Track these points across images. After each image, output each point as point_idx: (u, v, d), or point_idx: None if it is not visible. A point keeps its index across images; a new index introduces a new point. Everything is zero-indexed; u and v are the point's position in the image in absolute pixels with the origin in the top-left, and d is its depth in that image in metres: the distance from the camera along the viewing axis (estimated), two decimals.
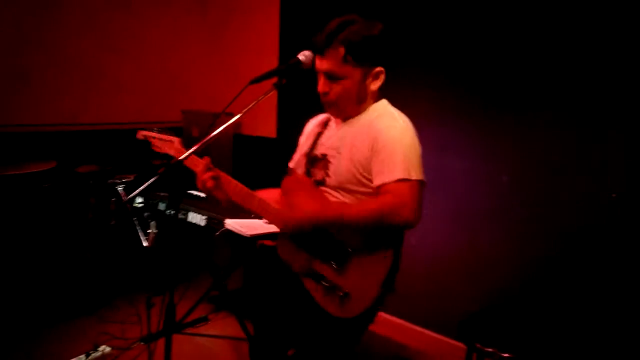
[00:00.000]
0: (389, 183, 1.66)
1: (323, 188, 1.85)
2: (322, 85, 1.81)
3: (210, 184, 1.81)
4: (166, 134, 2.06)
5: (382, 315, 3.19)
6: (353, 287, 1.70)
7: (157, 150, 2.07)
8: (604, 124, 2.51)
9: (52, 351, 2.97)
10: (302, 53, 1.82)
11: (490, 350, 2.27)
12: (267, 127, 4.15)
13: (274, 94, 1.81)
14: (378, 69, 1.79)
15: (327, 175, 1.85)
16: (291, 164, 2.09)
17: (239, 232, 2.75)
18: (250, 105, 1.74)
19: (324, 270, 1.75)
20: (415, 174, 1.68)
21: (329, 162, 1.85)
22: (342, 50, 1.73)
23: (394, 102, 1.93)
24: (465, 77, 2.96)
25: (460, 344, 2.92)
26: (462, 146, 2.99)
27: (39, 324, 3.23)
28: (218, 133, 1.74)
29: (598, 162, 2.55)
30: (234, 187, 1.87)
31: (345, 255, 1.72)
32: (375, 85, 1.82)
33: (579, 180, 2.61)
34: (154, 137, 2.09)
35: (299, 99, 2.18)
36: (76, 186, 3.56)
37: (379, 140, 1.72)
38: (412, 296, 3.20)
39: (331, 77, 1.77)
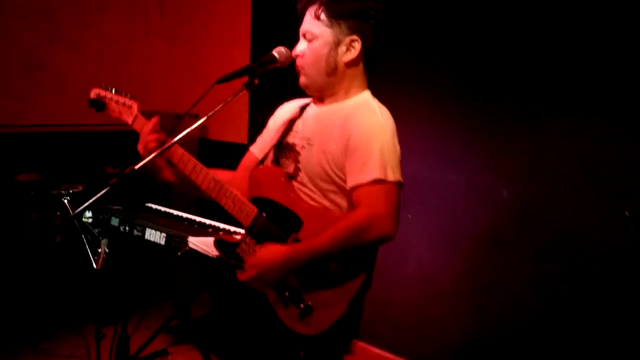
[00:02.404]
0: (363, 185, 1.61)
1: (295, 183, 1.79)
2: (297, 47, 1.78)
3: (153, 144, 1.77)
4: (125, 95, 1.96)
5: (370, 348, 3.22)
6: (317, 301, 1.65)
7: (113, 114, 1.96)
8: (616, 132, 2.47)
9: None
10: (277, 49, 1.76)
11: None
12: (238, 132, 4.10)
13: (245, 95, 1.74)
14: (353, 36, 1.71)
15: (298, 168, 1.79)
16: (253, 148, 2.03)
17: (204, 253, 2.66)
18: (217, 108, 1.67)
19: (288, 279, 1.70)
20: (392, 175, 1.62)
21: (299, 153, 1.80)
22: (317, 6, 1.72)
23: (386, 104, 1.85)
24: (461, 77, 2.95)
25: None
26: (458, 157, 2.95)
27: None
28: (182, 137, 1.68)
29: (609, 176, 2.49)
30: (181, 155, 1.82)
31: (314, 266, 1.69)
32: (347, 57, 1.73)
33: (587, 196, 2.54)
34: (110, 98, 1.96)
35: (274, 102, 2.11)
36: (15, 197, 3.40)
37: (353, 136, 1.66)
38: (402, 328, 3.16)
39: (304, 36, 1.76)
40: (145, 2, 4.36)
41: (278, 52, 1.74)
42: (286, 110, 1.98)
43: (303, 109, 1.91)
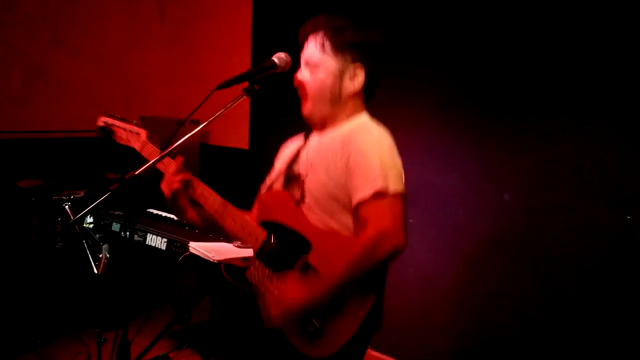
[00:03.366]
0: (366, 201, 1.59)
1: (303, 208, 1.79)
2: (299, 74, 1.79)
3: (177, 185, 1.78)
4: (132, 123, 1.97)
5: (370, 352, 3.10)
6: (327, 323, 1.62)
7: (120, 141, 1.98)
8: (619, 134, 2.47)
9: None
10: (276, 55, 1.77)
11: None
12: (239, 137, 4.13)
13: (246, 101, 1.75)
14: (357, 65, 1.73)
15: (304, 194, 1.80)
16: (263, 187, 2.03)
17: (206, 257, 2.67)
18: (218, 113, 1.69)
19: None
20: (393, 186, 1.60)
21: (303, 180, 1.82)
22: (321, 36, 1.73)
23: (383, 111, 1.88)
24: (460, 81, 2.95)
25: None
26: (459, 162, 2.95)
27: None
28: (183, 142, 1.70)
29: (611, 179, 2.49)
30: (207, 193, 1.82)
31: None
32: (352, 86, 1.75)
33: (588, 200, 2.54)
34: (117, 126, 1.98)
35: (275, 107, 2.34)
36: (16, 203, 3.41)
37: (352, 155, 1.67)
38: (404, 332, 3.14)
39: (308, 65, 1.76)
40: (145, 9, 4.40)
41: (278, 57, 1.75)
42: (290, 145, 2.00)
43: (306, 138, 1.93)
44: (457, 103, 2.96)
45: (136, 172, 1.62)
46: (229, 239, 2.70)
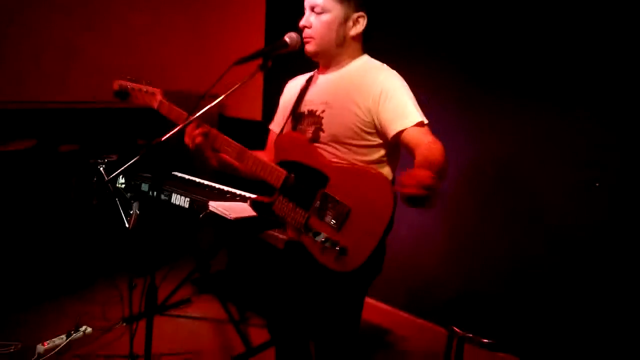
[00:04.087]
0: (410, 128, 1.71)
1: (317, 144, 1.85)
2: (304, 18, 1.84)
3: (199, 139, 1.82)
4: (146, 83, 2.00)
5: (366, 299, 3.28)
6: (350, 243, 1.70)
7: (137, 101, 2.02)
8: (595, 111, 2.52)
9: (33, 330, 3.00)
10: (288, 35, 1.83)
11: (470, 335, 2.30)
12: (253, 110, 4.15)
13: (259, 76, 1.81)
14: (360, 13, 1.82)
15: (321, 130, 1.84)
16: (272, 126, 2.11)
17: (223, 215, 2.76)
18: (234, 88, 1.74)
19: (322, 227, 1.75)
20: (424, 119, 1.75)
21: (320, 117, 1.85)
22: None
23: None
24: (445, 52, 2.97)
25: (443, 329, 2.88)
26: (446, 134, 2.94)
27: (20, 303, 3.26)
28: (203, 112, 1.74)
29: (581, 150, 2.58)
30: (225, 143, 1.87)
31: (344, 213, 1.72)
32: (354, 31, 1.83)
33: (565, 171, 2.63)
34: (132, 88, 2.02)
35: (285, 81, 2.12)
36: (58, 166, 3.53)
37: (384, 90, 1.75)
38: (396, 281, 3.23)
39: (314, 9, 1.81)
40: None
41: (289, 37, 1.81)
42: (293, 85, 2.07)
43: (309, 81, 1.99)
44: (446, 71, 2.98)
45: (162, 139, 1.68)
46: (248, 185, 2.76)
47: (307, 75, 2.04)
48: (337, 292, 1.83)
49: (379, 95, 1.75)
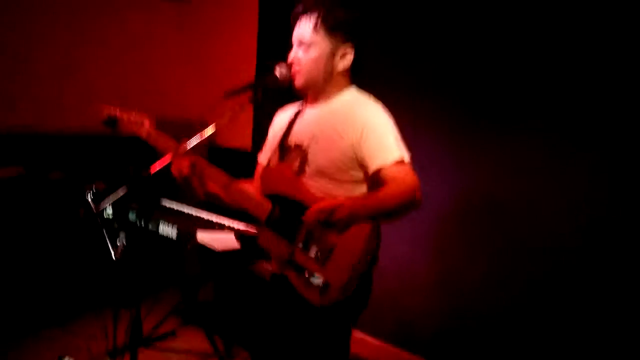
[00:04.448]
0: (388, 166, 1.72)
1: (301, 178, 1.86)
2: (292, 54, 1.85)
3: (186, 171, 1.81)
4: (134, 112, 1.98)
5: (354, 333, 3.27)
6: (334, 277, 1.71)
7: (126, 130, 1.98)
8: (586, 136, 2.52)
9: None
10: (278, 68, 1.85)
11: None
12: (243, 138, 4.18)
13: (249, 106, 1.82)
14: (347, 46, 1.83)
15: (307, 163, 1.85)
16: (261, 158, 2.11)
17: (210, 247, 2.77)
18: (224, 119, 1.78)
19: (306, 262, 1.76)
20: (407, 157, 1.77)
21: (306, 151, 1.86)
22: (315, 17, 1.78)
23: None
24: (433, 86, 2.98)
25: None
26: (430, 161, 2.89)
27: (1, 336, 3.22)
28: (195, 144, 1.77)
29: (578, 180, 2.56)
30: (213, 174, 1.87)
31: (328, 247, 1.74)
32: (342, 65, 1.84)
33: (557, 199, 2.62)
34: (121, 116, 1.99)
35: (275, 111, 2.14)
36: (47, 193, 3.49)
37: (366, 126, 1.76)
38: (384, 315, 3.22)
39: (301, 44, 1.82)
40: (164, 21, 4.44)
41: (280, 72, 1.83)
42: (282, 117, 2.07)
43: (297, 113, 2.00)
44: (429, 97, 3.00)
45: (151, 172, 1.72)
46: (236, 213, 2.58)
47: (296, 105, 2.05)
48: (322, 327, 1.82)
49: (361, 131, 1.77)
